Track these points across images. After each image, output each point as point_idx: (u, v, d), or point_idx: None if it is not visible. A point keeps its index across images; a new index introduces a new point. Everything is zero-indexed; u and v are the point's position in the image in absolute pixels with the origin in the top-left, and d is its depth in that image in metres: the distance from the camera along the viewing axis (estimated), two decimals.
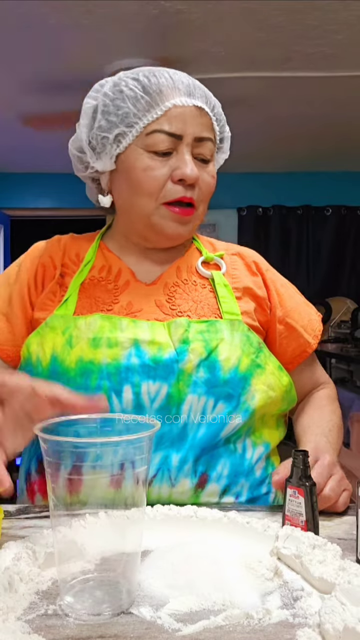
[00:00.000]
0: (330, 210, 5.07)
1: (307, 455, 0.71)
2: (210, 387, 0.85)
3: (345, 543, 0.68)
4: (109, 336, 0.85)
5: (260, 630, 0.51)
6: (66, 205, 5.01)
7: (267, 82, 3.22)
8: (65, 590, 0.56)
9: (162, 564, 0.62)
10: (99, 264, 0.98)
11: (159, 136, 0.87)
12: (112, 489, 0.56)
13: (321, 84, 3.24)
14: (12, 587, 0.57)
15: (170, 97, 0.88)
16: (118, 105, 0.89)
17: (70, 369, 0.84)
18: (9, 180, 5.02)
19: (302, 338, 0.99)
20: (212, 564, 0.61)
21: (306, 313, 1.02)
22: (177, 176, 0.88)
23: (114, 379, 0.83)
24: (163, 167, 0.88)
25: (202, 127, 0.90)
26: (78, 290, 0.94)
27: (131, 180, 0.90)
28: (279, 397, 0.92)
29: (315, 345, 1.00)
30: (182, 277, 0.97)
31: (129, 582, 0.56)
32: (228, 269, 0.99)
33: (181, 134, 0.88)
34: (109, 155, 0.91)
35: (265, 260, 1.05)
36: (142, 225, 0.93)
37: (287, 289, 1.03)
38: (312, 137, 4.18)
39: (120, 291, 0.94)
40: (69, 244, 1.02)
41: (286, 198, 5.06)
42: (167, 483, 0.83)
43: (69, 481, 0.55)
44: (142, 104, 0.88)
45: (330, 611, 0.51)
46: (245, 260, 1.02)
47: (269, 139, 4.18)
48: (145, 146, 0.88)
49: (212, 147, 0.93)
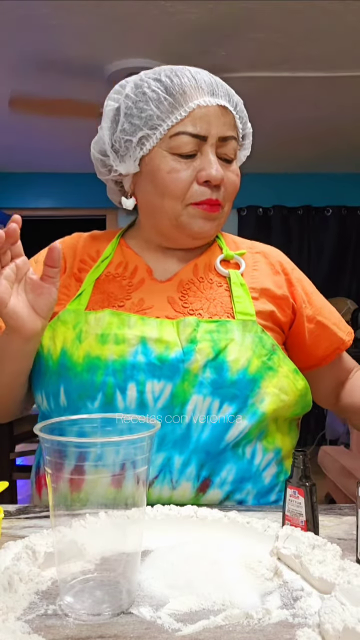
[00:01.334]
0: (331, 210, 5.07)
1: (307, 455, 0.71)
2: (216, 388, 0.84)
3: (345, 543, 0.68)
4: (116, 332, 0.85)
5: (260, 630, 0.51)
6: (66, 205, 5.01)
7: (268, 83, 3.22)
8: (65, 590, 0.56)
9: (162, 564, 0.62)
10: (116, 260, 0.98)
11: (183, 138, 0.87)
12: (113, 489, 0.56)
13: (322, 84, 3.25)
14: (12, 587, 0.57)
15: (193, 97, 0.87)
16: (141, 108, 0.88)
17: (78, 364, 0.85)
18: (9, 180, 5.02)
19: (335, 335, 0.99)
20: (212, 564, 0.61)
21: (335, 312, 1.03)
22: (202, 178, 0.88)
23: (119, 376, 0.83)
24: (188, 169, 0.88)
25: (226, 127, 0.89)
26: (93, 285, 0.94)
27: (157, 182, 0.90)
28: (292, 401, 0.90)
29: (349, 342, 1.01)
30: (199, 275, 0.96)
31: (129, 582, 0.57)
32: (248, 268, 0.97)
33: (205, 134, 0.88)
34: (132, 158, 0.91)
35: (290, 260, 1.05)
36: (169, 226, 0.93)
37: (314, 289, 1.03)
38: (312, 138, 4.18)
39: (135, 288, 0.94)
40: (88, 241, 1.03)
41: (287, 198, 5.06)
42: (168, 485, 0.83)
43: (69, 481, 0.55)
44: (166, 106, 0.87)
45: (330, 611, 0.51)
46: (269, 259, 1.00)
47: (269, 139, 4.18)
48: (170, 148, 0.88)
49: (236, 145, 0.92)
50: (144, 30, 2.68)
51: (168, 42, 2.79)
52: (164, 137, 0.88)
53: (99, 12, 2.50)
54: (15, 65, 3.02)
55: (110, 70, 3.02)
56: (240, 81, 3.16)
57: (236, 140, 0.92)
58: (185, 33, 2.69)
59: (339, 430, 3.96)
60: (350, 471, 2.71)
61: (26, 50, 2.85)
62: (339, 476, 2.80)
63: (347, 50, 2.85)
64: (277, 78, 3.15)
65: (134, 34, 2.71)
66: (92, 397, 0.84)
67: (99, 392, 0.83)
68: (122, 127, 0.90)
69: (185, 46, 2.82)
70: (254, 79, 3.16)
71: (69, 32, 2.67)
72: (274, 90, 3.33)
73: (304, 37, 2.72)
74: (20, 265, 0.81)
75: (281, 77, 3.14)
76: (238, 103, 0.93)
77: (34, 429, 0.57)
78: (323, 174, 5.04)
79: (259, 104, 3.51)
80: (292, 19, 2.55)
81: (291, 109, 3.63)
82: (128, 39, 2.76)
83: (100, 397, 0.83)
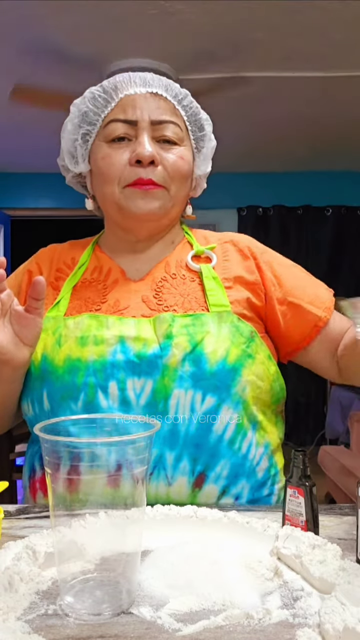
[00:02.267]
0: (330, 210, 5.07)
1: (307, 455, 0.71)
2: (196, 381, 0.84)
3: (345, 543, 0.68)
4: (95, 334, 0.87)
5: (260, 630, 0.51)
6: (66, 205, 5.01)
7: (267, 82, 3.22)
8: (65, 590, 0.56)
9: (162, 564, 0.62)
10: (92, 266, 1.01)
11: (115, 125, 0.93)
12: (112, 489, 0.56)
13: (321, 83, 3.25)
14: (12, 587, 0.57)
15: (123, 89, 0.93)
16: (80, 109, 0.96)
17: (59, 367, 0.86)
18: (9, 180, 5.02)
19: (310, 314, 0.96)
20: (212, 564, 0.61)
21: (312, 288, 1.00)
22: (133, 158, 0.91)
23: (100, 376, 0.84)
24: (123, 153, 0.92)
25: (159, 111, 0.93)
26: (70, 292, 0.96)
27: (96, 172, 0.96)
28: (267, 387, 0.91)
29: (326, 317, 0.97)
30: (171, 272, 0.97)
31: (129, 582, 0.57)
32: (219, 260, 0.98)
33: (135, 119, 0.92)
34: (82, 157, 0.97)
35: (262, 245, 1.04)
36: (115, 212, 0.96)
37: (287, 268, 1.01)
38: (312, 137, 4.18)
39: (109, 290, 0.96)
40: (65, 250, 1.06)
41: (286, 198, 5.07)
42: (163, 481, 0.83)
43: (68, 481, 0.55)
44: (100, 102, 0.94)
45: (330, 611, 0.51)
46: (238, 246, 1.01)
47: (269, 139, 4.18)
48: (104, 137, 0.94)
49: (177, 130, 0.95)
50: (144, 30, 2.68)
51: (168, 42, 2.79)
52: (100, 129, 0.95)
53: (98, 12, 2.50)
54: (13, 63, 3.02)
55: (110, 70, 3.03)
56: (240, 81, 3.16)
57: (177, 125, 0.94)
58: (185, 33, 2.69)
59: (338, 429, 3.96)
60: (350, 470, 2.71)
61: (26, 50, 2.85)
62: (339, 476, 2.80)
63: (346, 49, 2.85)
64: (276, 77, 3.15)
65: (134, 34, 2.71)
66: (74, 398, 0.85)
67: (81, 392, 0.84)
68: (68, 128, 0.97)
69: (185, 46, 2.82)
70: (254, 79, 3.16)
71: (69, 32, 2.67)
72: (274, 90, 3.33)
73: (303, 36, 2.72)
74: (5, 300, 0.82)
75: (281, 76, 3.14)
76: (179, 94, 0.96)
77: (34, 429, 0.57)
78: (323, 174, 5.05)
79: (259, 104, 3.51)
80: (291, 19, 2.55)
81: (291, 108, 3.63)
82: (128, 39, 2.76)
83: (82, 398, 0.84)
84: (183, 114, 0.96)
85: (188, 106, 0.97)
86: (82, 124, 0.95)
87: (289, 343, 0.99)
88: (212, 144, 1.03)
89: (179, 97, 0.96)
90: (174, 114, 0.95)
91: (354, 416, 3.14)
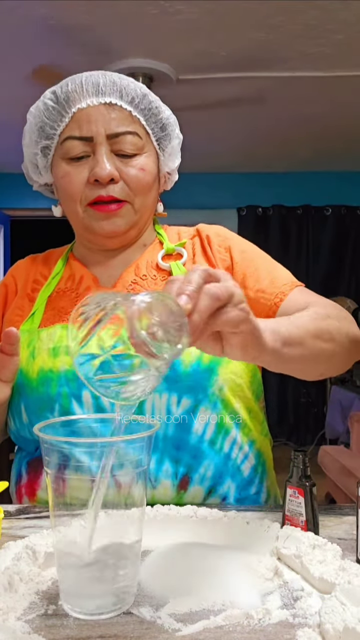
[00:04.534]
0: (330, 210, 5.07)
1: (307, 455, 0.71)
2: (171, 383, 0.83)
3: (345, 543, 0.68)
4: (67, 344, 0.86)
5: (260, 630, 0.51)
6: None
7: (267, 82, 3.22)
8: (65, 590, 0.56)
9: (162, 564, 0.62)
10: (66, 275, 1.00)
11: (71, 142, 0.90)
12: (112, 489, 0.56)
13: (321, 83, 3.25)
14: (12, 587, 0.57)
15: (76, 101, 0.89)
16: (36, 121, 0.93)
17: (33, 379, 0.86)
18: (9, 180, 5.02)
19: (258, 304, 0.91)
20: (212, 564, 0.61)
21: (267, 272, 0.94)
22: (91, 177, 0.89)
23: (73, 385, 0.84)
24: (82, 172, 0.90)
25: (115, 123, 0.89)
26: (45, 303, 0.96)
27: (58, 189, 0.95)
28: (247, 383, 0.90)
29: (276, 304, 0.90)
30: (141, 274, 0.95)
31: (129, 582, 0.56)
32: (190, 255, 0.97)
33: (90, 135, 0.89)
34: (45, 168, 0.96)
35: (232, 233, 1.01)
36: (81, 229, 0.96)
37: (246, 256, 0.96)
38: (312, 137, 4.18)
39: (81, 298, 0.94)
40: (42, 261, 1.05)
41: (286, 198, 5.07)
42: (148, 485, 0.83)
43: (69, 481, 0.55)
44: (54, 114, 0.91)
45: (330, 611, 0.51)
46: (201, 236, 0.99)
47: (268, 138, 4.18)
48: (62, 155, 0.91)
49: (136, 140, 0.90)
50: (144, 30, 2.68)
51: (168, 42, 2.79)
52: (58, 145, 0.92)
53: (98, 12, 2.50)
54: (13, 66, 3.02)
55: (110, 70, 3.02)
56: (240, 81, 3.16)
57: (136, 134, 0.90)
58: (185, 33, 2.69)
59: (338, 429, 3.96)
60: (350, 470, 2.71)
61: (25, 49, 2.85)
62: (339, 476, 2.81)
63: (347, 49, 2.85)
64: (276, 77, 3.15)
65: (134, 34, 2.71)
66: (50, 408, 0.85)
67: (56, 403, 0.85)
68: (28, 141, 0.95)
69: (185, 46, 2.82)
70: (254, 79, 3.16)
71: (69, 32, 2.67)
72: (274, 90, 3.33)
73: (303, 36, 2.72)
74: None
75: (280, 76, 3.14)
76: (136, 97, 0.91)
77: (34, 429, 0.57)
78: (322, 174, 5.05)
79: (258, 104, 3.51)
80: (291, 19, 2.55)
81: (291, 108, 3.63)
82: (128, 39, 2.76)
83: (57, 408, 0.84)
84: (141, 119, 0.92)
85: (146, 109, 0.92)
86: (39, 138, 0.92)
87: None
88: (178, 141, 0.99)
89: (135, 102, 0.91)
90: (132, 122, 0.91)
91: (354, 416, 3.14)
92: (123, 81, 0.92)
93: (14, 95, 3.40)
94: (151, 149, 0.94)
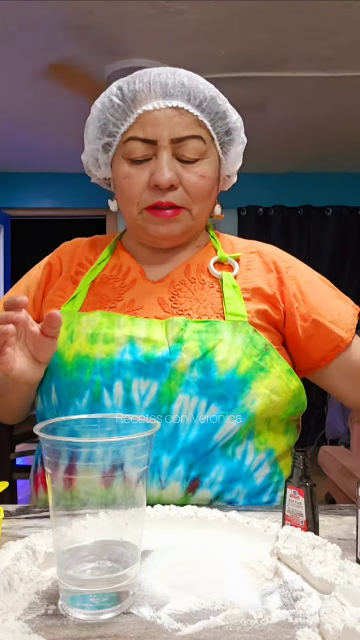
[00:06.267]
0: (331, 210, 5.07)
1: (307, 455, 0.71)
2: (203, 388, 0.83)
3: (345, 543, 0.68)
4: (106, 332, 0.86)
5: (260, 630, 0.51)
6: (66, 205, 5.01)
7: (268, 83, 3.22)
8: (64, 590, 0.56)
9: (162, 564, 0.62)
10: (112, 263, 1.00)
11: (134, 143, 0.89)
12: (113, 489, 0.56)
13: (322, 84, 3.25)
14: (12, 587, 0.57)
15: (143, 102, 0.88)
16: (100, 117, 0.92)
17: (68, 363, 0.86)
18: (9, 180, 5.02)
19: (332, 333, 0.93)
20: (212, 564, 0.61)
21: (336, 306, 0.97)
22: (151, 182, 0.89)
23: (107, 374, 0.84)
24: (142, 174, 0.90)
25: (180, 127, 0.88)
26: (88, 288, 0.96)
27: (117, 188, 0.95)
28: (285, 402, 0.89)
29: (349, 339, 0.94)
30: (190, 276, 0.96)
31: (129, 582, 0.56)
32: (242, 269, 0.96)
33: (155, 138, 0.88)
34: (104, 164, 0.96)
35: (290, 257, 1.02)
36: (134, 227, 0.96)
37: (313, 285, 0.98)
38: (312, 138, 4.18)
39: (126, 289, 0.95)
40: (88, 245, 1.06)
41: (287, 198, 5.06)
42: (156, 485, 0.83)
43: (68, 480, 0.55)
44: (119, 113, 0.90)
45: (330, 611, 0.51)
46: (264, 258, 0.99)
47: (269, 139, 4.18)
48: (124, 154, 0.91)
49: (199, 145, 0.90)
50: (144, 30, 2.68)
51: (168, 42, 2.79)
52: (120, 144, 0.92)
53: (98, 12, 2.50)
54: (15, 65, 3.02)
55: (110, 70, 3.02)
56: (240, 81, 3.16)
57: (200, 138, 0.90)
58: (185, 33, 2.69)
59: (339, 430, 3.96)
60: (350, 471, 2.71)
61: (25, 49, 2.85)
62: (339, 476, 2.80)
63: (348, 49, 2.85)
64: (276, 78, 3.15)
65: (134, 34, 2.71)
66: (80, 394, 0.85)
67: (87, 389, 0.85)
68: (90, 136, 0.95)
69: (185, 46, 2.82)
70: (254, 79, 3.16)
71: (69, 32, 2.67)
72: (274, 90, 3.33)
73: (304, 36, 2.72)
74: (21, 321, 0.79)
75: (281, 76, 3.14)
76: (204, 100, 0.90)
77: (34, 429, 0.57)
78: (323, 174, 5.04)
79: (259, 104, 3.51)
80: (291, 19, 2.55)
81: (292, 109, 3.63)
82: (128, 39, 2.76)
83: (88, 395, 0.84)
84: (207, 123, 0.91)
85: (213, 112, 0.91)
86: (102, 135, 0.92)
87: (307, 361, 0.96)
88: (242, 145, 0.98)
89: (202, 105, 0.90)
90: (197, 126, 0.90)
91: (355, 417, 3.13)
92: (192, 82, 0.91)
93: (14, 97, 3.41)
94: (214, 154, 0.94)
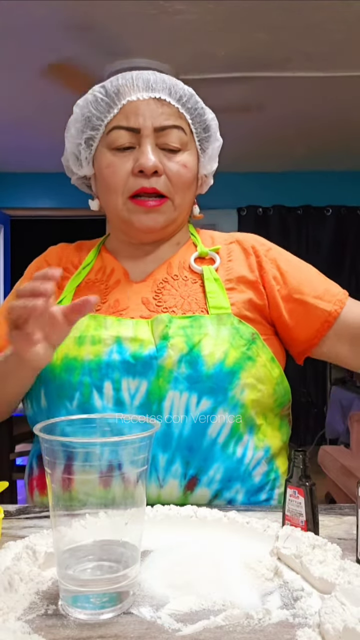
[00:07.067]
0: (330, 210, 5.07)
1: (307, 455, 0.71)
2: (192, 383, 0.83)
3: (345, 543, 0.68)
4: (93, 334, 0.87)
5: (260, 630, 0.51)
6: (66, 205, 5.01)
7: (268, 82, 3.22)
8: (65, 590, 0.56)
9: (162, 564, 0.62)
10: (97, 266, 1.01)
11: (118, 132, 0.92)
12: (112, 489, 0.56)
13: (321, 83, 3.25)
14: (12, 587, 0.57)
15: (126, 94, 0.92)
16: (83, 112, 0.95)
17: (57, 366, 0.86)
18: (9, 180, 5.02)
19: (318, 309, 0.93)
20: (212, 564, 0.61)
21: (321, 283, 0.96)
22: (136, 168, 0.91)
23: (95, 375, 0.84)
24: (126, 162, 0.92)
25: (163, 117, 0.92)
26: (73, 292, 0.96)
27: (100, 179, 0.96)
28: (270, 391, 0.89)
29: (336, 311, 0.92)
30: (172, 273, 0.97)
31: (129, 582, 0.56)
32: (223, 261, 0.97)
33: (138, 126, 0.91)
34: (86, 160, 0.97)
35: (269, 242, 1.02)
36: (118, 222, 0.97)
37: (294, 265, 0.98)
38: (312, 137, 4.18)
39: (110, 290, 0.96)
40: (72, 250, 1.06)
41: (286, 198, 5.07)
42: (155, 483, 0.83)
43: (68, 481, 0.55)
44: (103, 106, 0.93)
45: (330, 611, 0.51)
46: (243, 246, 0.99)
47: (268, 138, 4.18)
48: (108, 144, 0.93)
49: (181, 135, 0.93)
50: (144, 30, 2.68)
51: (168, 42, 2.80)
52: (103, 135, 0.94)
53: (98, 12, 2.50)
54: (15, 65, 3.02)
55: (110, 70, 3.02)
56: (240, 81, 3.16)
57: (181, 129, 0.93)
58: (185, 33, 2.69)
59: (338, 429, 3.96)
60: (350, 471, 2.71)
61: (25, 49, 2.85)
62: (339, 476, 2.81)
63: (347, 49, 2.85)
64: (276, 78, 3.15)
65: (134, 34, 2.71)
66: (69, 397, 0.85)
67: (76, 391, 0.85)
68: (72, 132, 0.97)
69: (185, 46, 2.82)
70: (254, 79, 3.16)
71: (68, 32, 2.67)
72: (274, 90, 3.33)
73: (304, 36, 2.72)
74: (49, 293, 0.76)
75: (281, 76, 3.14)
76: (184, 96, 0.94)
77: (34, 429, 0.57)
78: (323, 174, 5.05)
79: (259, 104, 3.51)
80: (291, 19, 2.55)
81: (291, 108, 3.63)
82: (128, 39, 2.76)
83: (77, 397, 0.85)
84: (187, 117, 0.95)
85: (192, 108, 0.95)
86: (85, 128, 0.94)
87: (299, 342, 0.96)
88: (218, 144, 1.01)
89: (183, 100, 0.94)
90: (178, 117, 0.93)
91: (354, 416, 3.14)
92: (172, 80, 0.96)
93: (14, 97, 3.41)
94: (193, 148, 0.97)
